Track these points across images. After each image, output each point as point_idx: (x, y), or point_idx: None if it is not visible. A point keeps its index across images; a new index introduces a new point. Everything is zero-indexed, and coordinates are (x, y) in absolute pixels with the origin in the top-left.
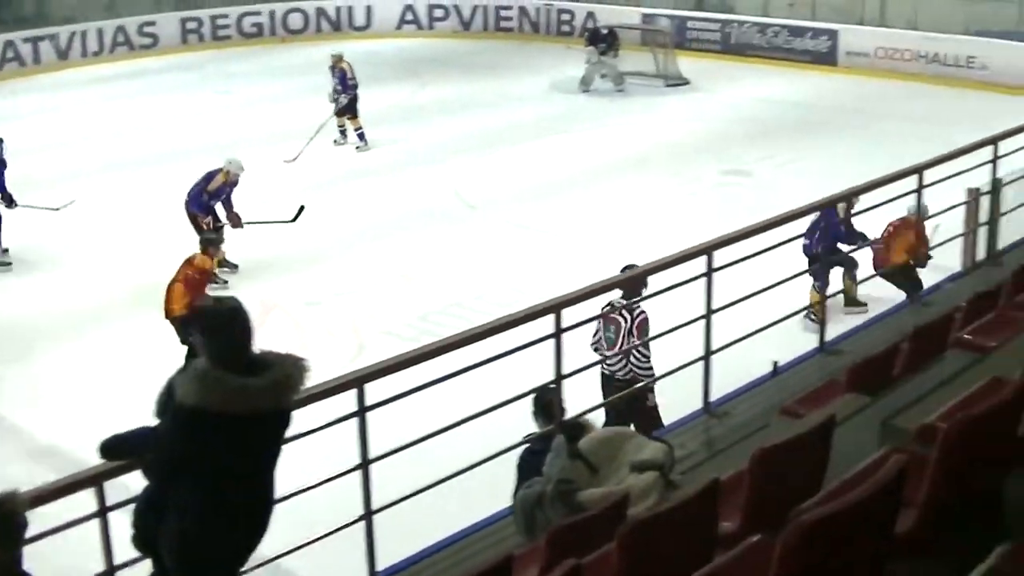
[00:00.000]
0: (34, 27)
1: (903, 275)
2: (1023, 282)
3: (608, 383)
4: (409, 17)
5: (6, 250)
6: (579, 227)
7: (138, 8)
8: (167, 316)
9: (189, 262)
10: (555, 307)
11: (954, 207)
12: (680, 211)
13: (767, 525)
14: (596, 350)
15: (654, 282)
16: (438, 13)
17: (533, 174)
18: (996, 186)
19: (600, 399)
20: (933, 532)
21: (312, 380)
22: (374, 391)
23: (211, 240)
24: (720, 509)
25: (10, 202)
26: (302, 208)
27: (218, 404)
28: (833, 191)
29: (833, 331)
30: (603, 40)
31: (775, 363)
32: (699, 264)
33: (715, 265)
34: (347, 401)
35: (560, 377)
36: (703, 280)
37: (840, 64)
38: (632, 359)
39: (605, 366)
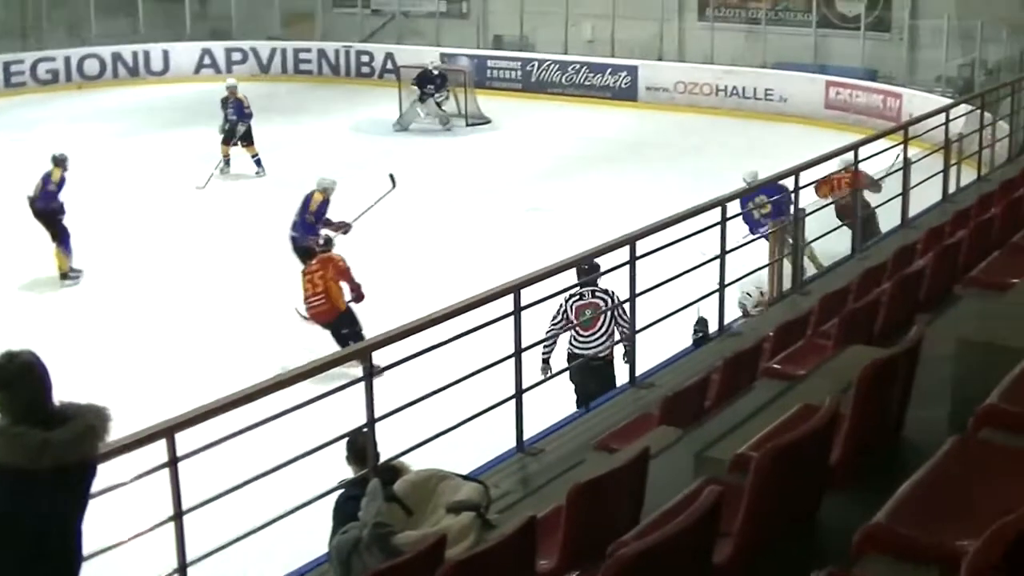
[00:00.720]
0: None
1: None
2: (829, 310)
3: (577, 361)
4: (207, 61)
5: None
6: (384, 260)
7: None
8: (330, 318)
9: (328, 263)
10: (365, 351)
11: (758, 237)
12: (485, 248)
13: (586, 560)
14: (553, 336)
15: (463, 322)
16: (236, 56)
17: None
18: (799, 216)
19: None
20: (750, 560)
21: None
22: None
23: (330, 240)
24: (538, 547)
25: None
26: (391, 177)
27: (22, 460)
28: (636, 226)
29: (644, 364)
30: (432, 82)
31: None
32: (506, 303)
33: (522, 303)
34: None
35: (372, 421)
36: (511, 318)
37: (640, 100)
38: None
39: (579, 347)
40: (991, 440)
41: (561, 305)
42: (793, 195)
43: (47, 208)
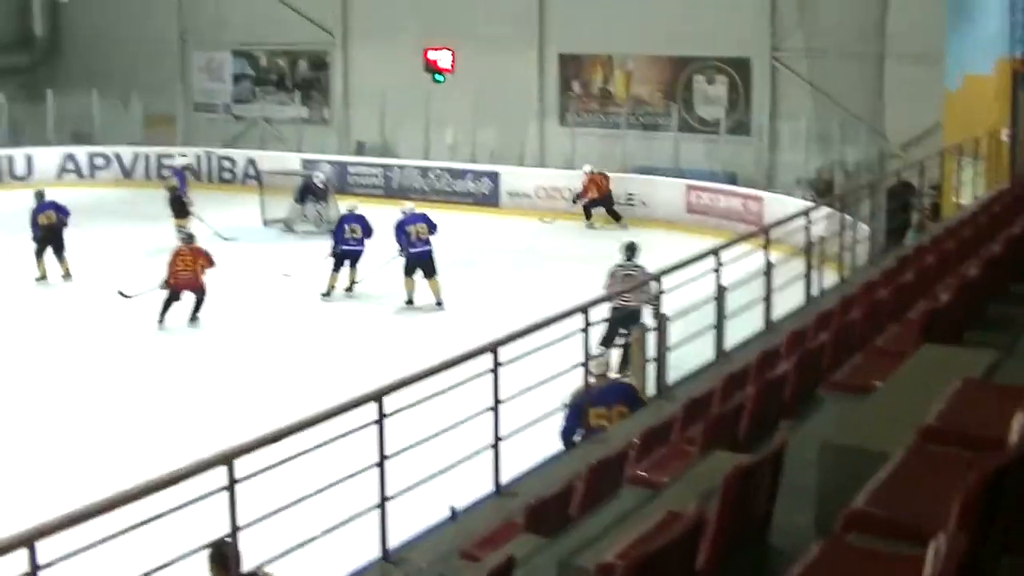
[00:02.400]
0: None
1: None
2: (693, 415)
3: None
4: (70, 166)
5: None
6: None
7: None
8: None
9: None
10: (226, 458)
11: (623, 345)
12: (356, 354)
13: None
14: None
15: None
16: (99, 162)
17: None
18: (662, 321)
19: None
20: None
21: None
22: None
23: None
24: None
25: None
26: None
27: None
28: (500, 332)
29: (508, 472)
30: (313, 192)
31: (452, 508)
32: (370, 410)
33: (385, 411)
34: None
35: (235, 529)
36: (375, 427)
37: (503, 205)
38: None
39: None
40: (857, 544)
41: (614, 274)
42: (656, 300)
43: None
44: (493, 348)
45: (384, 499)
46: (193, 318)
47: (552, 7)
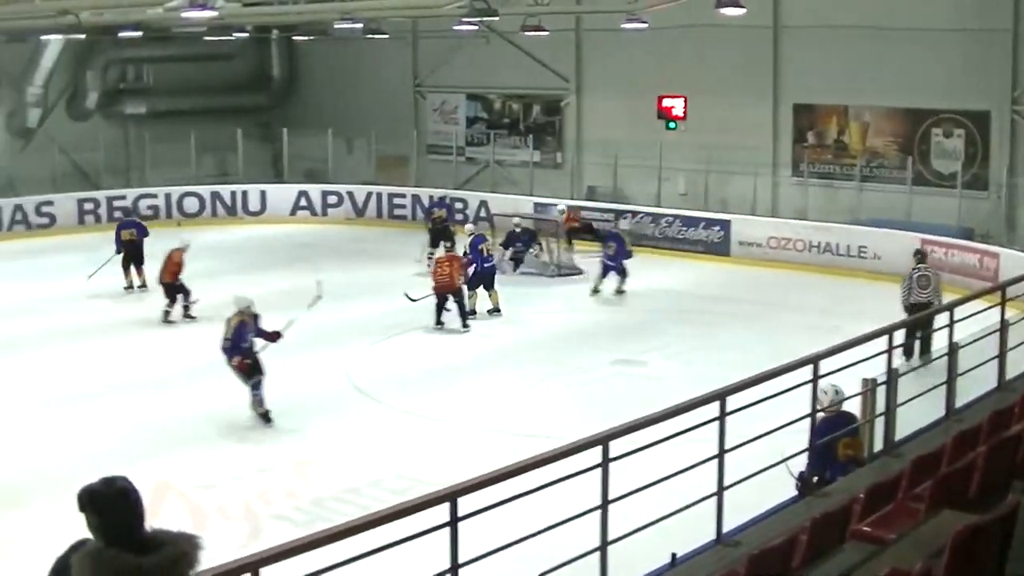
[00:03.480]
0: None
1: None
2: (921, 472)
3: (917, 309)
4: (303, 203)
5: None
6: (470, 414)
7: (36, 188)
8: None
9: None
10: (451, 495)
11: (850, 397)
12: (572, 400)
13: None
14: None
15: (546, 473)
16: (331, 199)
17: (423, 361)
18: (892, 377)
19: None
20: None
21: (203, 563)
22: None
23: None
24: None
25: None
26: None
27: None
28: (726, 381)
29: (731, 521)
30: (519, 240)
31: (673, 555)
32: (595, 454)
33: (611, 455)
34: None
35: (456, 566)
36: (598, 471)
37: (733, 254)
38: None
39: (918, 297)
40: None
41: (909, 276)
42: (887, 354)
43: None
44: (721, 396)
45: (605, 543)
46: (464, 324)
47: (787, 57)
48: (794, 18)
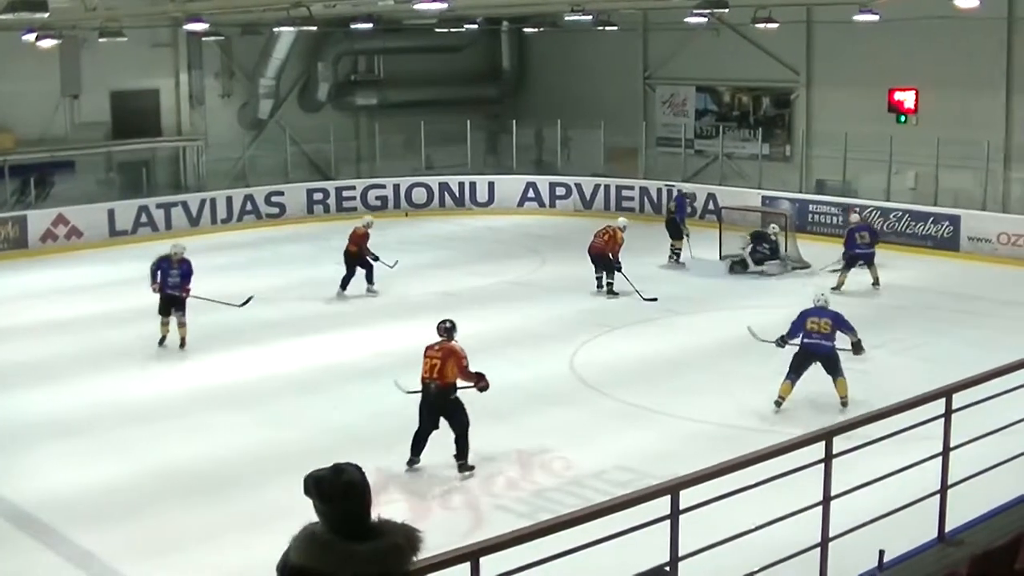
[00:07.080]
0: (166, 194)
1: None
2: None
3: None
4: (531, 195)
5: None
6: (698, 409)
7: (266, 178)
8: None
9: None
10: (672, 488)
11: None
12: (798, 396)
13: None
14: None
15: (772, 466)
16: (559, 191)
17: (649, 354)
18: None
19: None
20: None
21: (425, 551)
22: (489, 565)
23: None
24: None
25: None
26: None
27: (322, 565)
28: (954, 378)
29: (953, 520)
30: (768, 244)
31: (881, 551)
32: (818, 449)
33: (833, 451)
34: (462, 574)
35: (675, 559)
36: (820, 466)
37: (962, 250)
38: None
39: None
40: None
41: None
42: None
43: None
44: (947, 393)
45: (826, 539)
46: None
47: (1021, 49)
48: None
